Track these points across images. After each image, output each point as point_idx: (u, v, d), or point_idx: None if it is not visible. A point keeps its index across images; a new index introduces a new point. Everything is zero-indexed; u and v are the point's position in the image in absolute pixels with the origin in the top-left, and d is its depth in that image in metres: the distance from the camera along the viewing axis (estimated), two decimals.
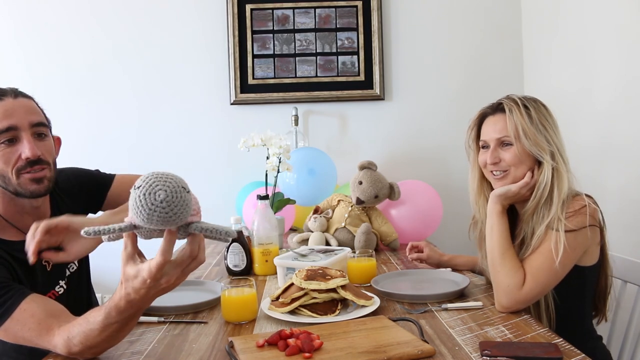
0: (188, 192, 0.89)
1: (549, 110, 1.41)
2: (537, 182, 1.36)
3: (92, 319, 1.01)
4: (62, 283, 1.40)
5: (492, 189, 1.44)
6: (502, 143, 1.39)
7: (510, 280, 1.28)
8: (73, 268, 1.46)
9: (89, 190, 1.52)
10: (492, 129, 1.41)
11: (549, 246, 1.28)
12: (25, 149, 1.23)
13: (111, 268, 1.71)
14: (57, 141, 1.44)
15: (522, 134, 1.36)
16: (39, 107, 1.35)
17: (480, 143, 1.45)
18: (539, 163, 1.37)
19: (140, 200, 0.85)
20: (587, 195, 1.36)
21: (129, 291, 0.94)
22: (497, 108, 1.43)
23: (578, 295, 1.39)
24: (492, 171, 1.42)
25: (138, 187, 0.86)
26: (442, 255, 1.74)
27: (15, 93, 1.28)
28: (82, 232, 0.90)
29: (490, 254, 1.35)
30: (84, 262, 1.54)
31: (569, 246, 1.27)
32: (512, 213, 1.45)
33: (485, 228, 1.40)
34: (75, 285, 1.46)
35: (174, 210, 0.86)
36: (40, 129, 1.29)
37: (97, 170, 1.61)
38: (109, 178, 1.59)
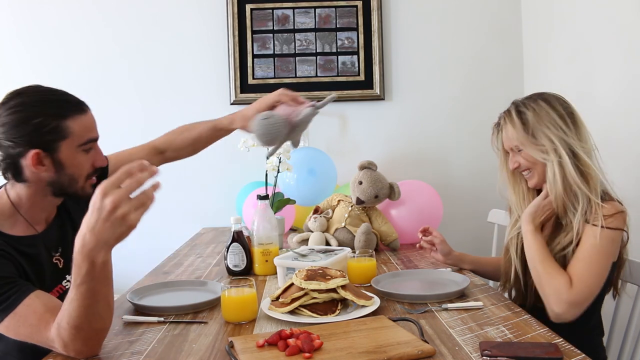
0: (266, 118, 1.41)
1: (552, 101, 1.44)
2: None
3: (69, 293, 1.03)
4: (68, 277, 1.40)
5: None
6: (516, 148, 1.48)
7: (556, 282, 1.33)
8: None
9: None
10: (503, 139, 1.51)
11: (588, 246, 1.34)
12: (100, 159, 1.36)
13: (119, 270, 1.72)
14: None
15: (520, 145, 1.45)
16: None
17: (503, 148, 1.55)
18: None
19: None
20: (617, 201, 1.41)
21: (83, 230, 0.97)
22: (499, 122, 1.53)
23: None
24: (521, 172, 1.51)
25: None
26: (452, 250, 1.74)
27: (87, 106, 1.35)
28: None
29: (533, 269, 1.41)
30: None
31: (608, 243, 1.33)
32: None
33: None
34: None
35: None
36: None
37: None
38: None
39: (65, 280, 1.40)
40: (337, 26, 2.79)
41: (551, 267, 1.36)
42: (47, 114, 1.24)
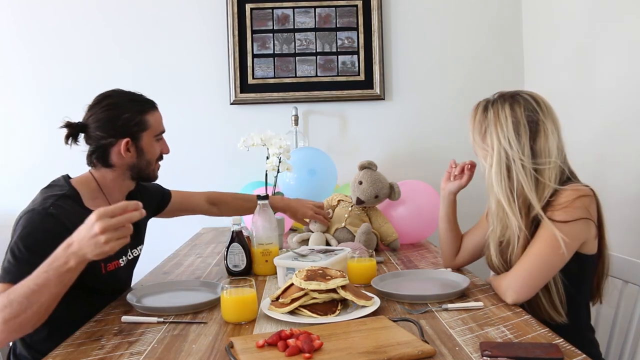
0: None
1: (519, 109, 1.40)
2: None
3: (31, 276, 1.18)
4: (124, 258, 1.58)
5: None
6: None
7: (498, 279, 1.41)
8: (136, 254, 1.66)
9: (156, 198, 1.83)
10: None
11: (536, 239, 1.35)
12: (166, 148, 1.65)
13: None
14: None
15: (472, 140, 1.50)
16: None
17: None
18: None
19: None
20: (584, 185, 1.39)
21: (74, 236, 1.15)
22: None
23: (578, 283, 1.41)
24: None
25: None
26: (455, 195, 1.74)
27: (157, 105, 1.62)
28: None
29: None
30: (137, 259, 1.69)
31: (564, 233, 1.30)
32: None
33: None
34: (129, 267, 1.64)
35: None
36: None
37: (159, 185, 1.87)
38: (168, 193, 1.89)
39: (121, 259, 1.56)
40: (337, 26, 2.79)
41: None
42: (133, 111, 1.53)
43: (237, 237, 1.73)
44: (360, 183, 2.09)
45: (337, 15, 2.78)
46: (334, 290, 1.26)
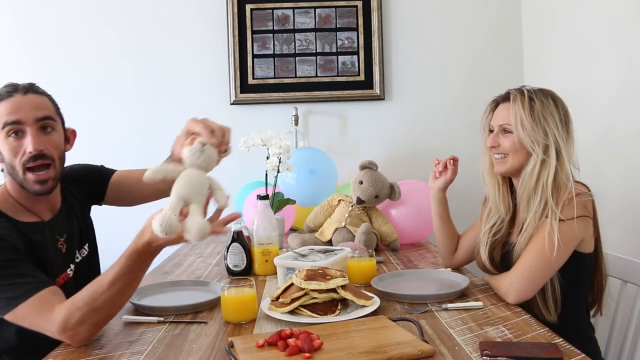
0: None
1: (559, 104, 1.44)
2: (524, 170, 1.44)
3: (102, 276, 1.12)
4: (72, 266, 1.44)
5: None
6: (504, 130, 1.46)
7: (500, 279, 1.42)
8: (84, 254, 1.51)
9: (92, 181, 1.61)
10: (498, 116, 1.48)
11: (535, 238, 1.35)
12: (29, 144, 1.29)
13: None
14: (72, 134, 1.50)
15: (519, 124, 1.42)
16: (53, 103, 1.40)
17: (489, 127, 1.52)
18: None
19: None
20: (581, 183, 1.40)
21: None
22: (505, 97, 1.49)
23: (575, 281, 1.41)
24: (494, 154, 1.50)
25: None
26: (445, 191, 1.72)
27: (26, 89, 1.34)
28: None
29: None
30: (94, 250, 1.58)
31: (560, 237, 1.32)
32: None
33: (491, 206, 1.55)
34: (86, 271, 1.50)
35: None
36: (46, 122, 1.33)
37: (102, 166, 1.69)
38: (111, 171, 1.67)
39: (69, 269, 1.42)
40: (337, 26, 2.79)
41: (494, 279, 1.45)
42: None
43: (237, 237, 1.73)
44: (361, 183, 2.09)
45: (337, 16, 2.78)
46: (334, 290, 1.26)
